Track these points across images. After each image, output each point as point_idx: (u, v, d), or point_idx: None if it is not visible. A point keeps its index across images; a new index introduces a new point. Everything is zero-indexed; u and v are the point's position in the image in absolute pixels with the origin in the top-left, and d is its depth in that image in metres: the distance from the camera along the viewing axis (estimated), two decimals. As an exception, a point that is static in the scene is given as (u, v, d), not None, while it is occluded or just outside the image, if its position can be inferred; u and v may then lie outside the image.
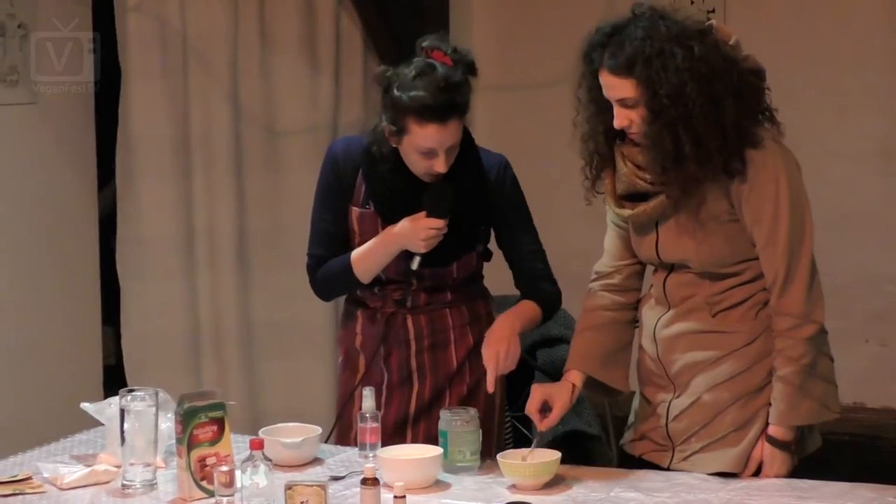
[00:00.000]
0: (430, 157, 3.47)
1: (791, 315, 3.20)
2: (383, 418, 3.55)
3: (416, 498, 3.13)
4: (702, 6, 5.78)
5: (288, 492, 3.00)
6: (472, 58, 3.53)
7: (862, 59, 5.61)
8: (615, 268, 3.46)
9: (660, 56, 3.09)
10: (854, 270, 5.64)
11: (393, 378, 3.70)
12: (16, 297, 5.25)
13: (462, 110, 3.45)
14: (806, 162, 5.65)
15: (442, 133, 3.42)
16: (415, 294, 3.68)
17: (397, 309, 3.69)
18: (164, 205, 5.47)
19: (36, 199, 5.33)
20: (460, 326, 3.71)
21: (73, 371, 5.47)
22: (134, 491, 3.22)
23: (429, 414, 3.65)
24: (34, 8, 5.20)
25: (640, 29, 3.13)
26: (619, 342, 3.45)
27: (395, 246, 3.56)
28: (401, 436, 3.63)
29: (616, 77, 3.14)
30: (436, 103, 3.40)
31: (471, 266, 3.69)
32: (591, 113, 3.27)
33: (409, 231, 3.52)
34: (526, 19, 6.10)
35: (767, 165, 3.17)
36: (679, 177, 3.16)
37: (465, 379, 3.70)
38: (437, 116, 3.41)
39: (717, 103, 3.10)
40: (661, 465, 3.35)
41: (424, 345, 3.69)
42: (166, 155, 5.48)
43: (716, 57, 3.13)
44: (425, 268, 3.60)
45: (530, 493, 3.18)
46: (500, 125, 6.12)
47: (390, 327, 3.70)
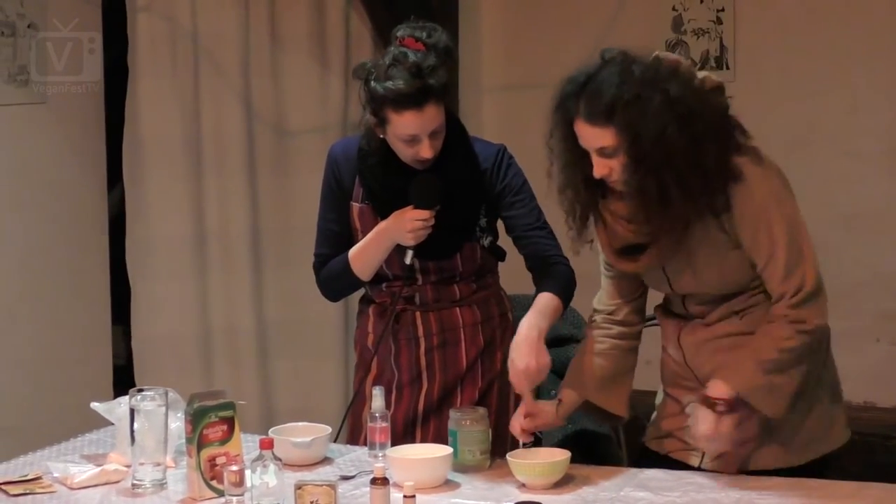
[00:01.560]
0: (415, 144, 3.49)
1: (794, 316, 3.17)
2: (392, 417, 3.55)
3: (425, 497, 3.12)
4: (711, 5, 5.78)
5: (298, 491, 3.00)
6: (447, 42, 3.53)
7: (872, 57, 5.60)
8: (615, 305, 3.44)
9: (638, 102, 3.04)
10: (864, 269, 5.63)
11: (403, 377, 3.70)
12: (26, 297, 5.26)
13: (438, 93, 3.45)
14: (816, 161, 5.71)
15: (420, 118, 3.44)
16: (422, 290, 3.68)
17: (406, 306, 3.69)
18: (174, 205, 5.47)
19: (45, 199, 5.34)
20: (471, 325, 3.71)
21: (84, 371, 5.48)
22: (144, 490, 3.22)
23: (439, 414, 3.64)
24: (44, 8, 5.20)
25: (614, 75, 3.07)
26: (619, 367, 3.43)
27: (387, 241, 3.57)
28: (410, 435, 3.63)
29: (594, 127, 3.09)
30: (410, 90, 3.41)
31: (476, 259, 3.67)
32: (567, 162, 3.20)
33: (397, 224, 3.54)
34: (535, 18, 6.10)
35: (754, 198, 3.14)
36: (665, 223, 3.12)
37: (476, 382, 3.69)
38: (413, 102, 3.42)
39: (698, 144, 3.07)
40: (690, 464, 3.34)
41: (434, 343, 3.69)
42: (176, 155, 5.48)
43: (690, 95, 3.09)
44: (428, 261, 3.60)
45: (540, 493, 3.18)
46: (509, 124, 6.11)
47: (400, 325, 3.70)
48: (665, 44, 5.84)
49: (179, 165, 5.48)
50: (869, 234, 5.65)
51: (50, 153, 5.35)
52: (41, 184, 5.31)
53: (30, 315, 5.27)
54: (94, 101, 5.48)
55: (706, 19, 5.80)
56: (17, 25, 5.12)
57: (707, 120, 3.09)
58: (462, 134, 3.65)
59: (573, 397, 3.42)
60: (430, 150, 3.48)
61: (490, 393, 3.69)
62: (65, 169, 5.42)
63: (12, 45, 5.11)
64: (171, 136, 5.48)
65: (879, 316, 5.62)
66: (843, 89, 5.65)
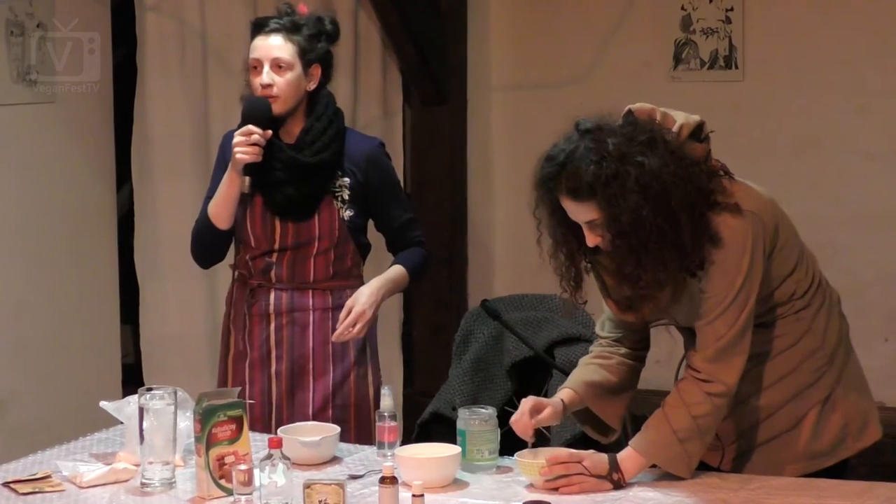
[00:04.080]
0: (258, 73, 3.79)
1: (705, 372, 3.17)
2: (249, 396, 3.76)
3: (434, 497, 3.12)
4: (720, 4, 5.77)
5: (306, 490, 3.00)
6: (332, 21, 3.90)
7: (881, 56, 5.59)
8: (622, 333, 3.44)
9: (616, 178, 3.05)
10: (874, 269, 5.63)
11: (254, 354, 3.89)
12: (35, 295, 5.26)
13: (290, 31, 3.79)
14: (825, 160, 5.70)
15: (265, 44, 3.80)
16: (279, 264, 3.85)
17: (262, 281, 3.88)
18: (183, 204, 5.47)
19: (54, 198, 5.34)
20: (321, 310, 3.88)
21: (92, 370, 5.49)
22: (153, 489, 3.22)
23: (291, 401, 3.85)
24: (53, 7, 5.21)
25: (591, 151, 3.08)
26: (621, 382, 3.43)
27: (229, 171, 3.80)
28: (264, 422, 3.82)
29: (579, 203, 3.11)
30: (264, 20, 3.85)
31: (334, 229, 3.83)
32: (554, 228, 3.22)
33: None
34: (543, 19, 6.09)
35: (727, 260, 3.12)
36: (644, 291, 3.15)
37: (328, 371, 3.87)
38: (262, 29, 3.83)
39: (674, 221, 3.07)
40: (710, 464, 3.34)
41: (283, 321, 3.86)
42: (185, 154, 5.49)
43: (665, 165, 3.07)
44: (287, 221, 3.81)
45: (549, 493, 3.17)
46: (517, 124, 6.12)
47: (255, 299, 3.89)
48: (674, 43, 5.84)
49: (188, 164, 5.49)
50: (879, 233, 5.64)
51: (59, 152, 5.35)
52: (50, 183, 5.32)
53: (39, 314, 5.28)
54: (102, 100, 5.49)
55: (715, 19, 5.80)
56: (26, 25, 5.12)
57: (683, 190, 3.08)
58: (330, 105, 3.88)
59: (574, 399, 3.41)
60: (268, 77, 3.76)
61: (345, 385, 3.87)
62: (74, 168, 5.42)
63: (21, 45, 5.11)
64: (180, 136, 5.48)
65: (888, 315, 5.62)
66: (852, 89, 5.64)
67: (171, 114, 5.45)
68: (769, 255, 3.19)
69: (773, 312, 3.25)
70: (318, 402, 3.87)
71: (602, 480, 3.18)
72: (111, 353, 5.63)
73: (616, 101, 3.24)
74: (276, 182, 3.82)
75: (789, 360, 3.27)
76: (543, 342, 4.38)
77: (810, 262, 3.31)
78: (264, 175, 3.81)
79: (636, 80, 5.84)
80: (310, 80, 3.84)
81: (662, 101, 3.27)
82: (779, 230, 3.21)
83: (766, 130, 5.76)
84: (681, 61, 5.87)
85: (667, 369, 3.54)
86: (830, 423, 3.28)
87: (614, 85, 5.84)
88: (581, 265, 3.26)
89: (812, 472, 3.27)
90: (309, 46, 3.81)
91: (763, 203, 3.21)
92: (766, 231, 3.17)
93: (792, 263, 3.25)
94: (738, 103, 5.76)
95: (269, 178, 3.82)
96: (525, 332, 4.40)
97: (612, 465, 3.20)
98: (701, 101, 5.14)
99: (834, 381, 3.29)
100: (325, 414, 3.85)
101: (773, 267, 3.21)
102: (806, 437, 3.28)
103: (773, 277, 3.22)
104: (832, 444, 3.30)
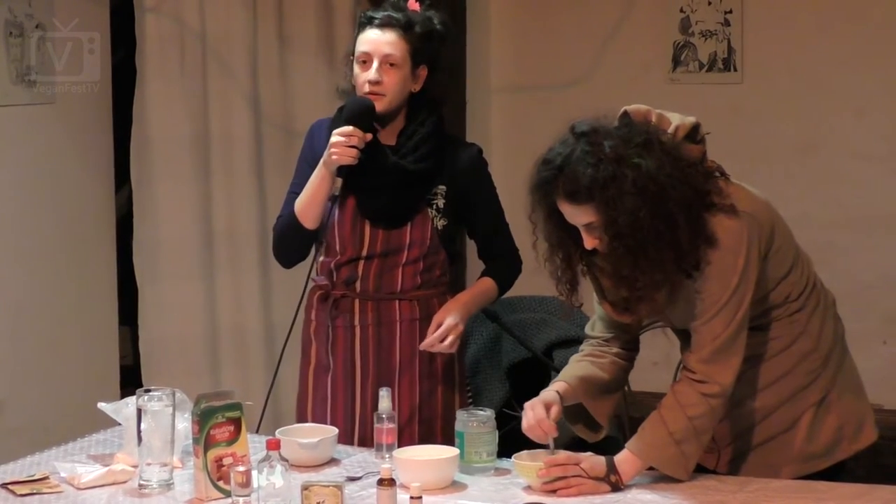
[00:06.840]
0: (366, 68, 3.61)
1: (701, 372, 3.18)
2: (332, 410, 3.63)
3: (432, 499, 3.12)
4: (719, 6, 5.78)
5: (304, 492, 3.00)
6: (442, 21, 3.69)
7: (880, 59, 5.60)
8: (613, 334, 3.45)
9: (613, 181, 3.05)
10: (872, 271, 5.63)
11: (337, 369, 3.75)
12: (33, 297, 5.26)
13: (405, 27, 3.61)
14: (824, 163, 5.71)
15: (377, 38, 3.60)
16: (366, 275, 3.69)
17: (346, 292, 3.73)
18: (182, 205, 5.47)
19: (53, 199, 5.34)
20: (408, 321, 3.73)
21: (91, 371, 5.48)
22: (151, 491, 3.22)
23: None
24: (52, 8, 5.21)
25: (587, 154, 3.08)
26: (612, 380, 3.43)
27: (320, 168, 3.66)
28: (348, 436, 3.68)
29: (577, 206, 3.11)
30: (376, 13, 3.64)
31: (425, 239, 3.68)
32: (550, 231, 3.22)
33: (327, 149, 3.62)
34: (543, 20, 6.10)
35: (723, 260, 3.13)
36: (641, 293, 3.16)
37: (415, 385, 3.73)
38: (373, 21, 3.63)
39: (671, 222, 3.07)
40: (707, 466, 3.34)
41: (369, 333, 3.72)
42: (184, 156, 5.48)
43: (662, 166, 3.08)
44: (379, 227, 3.65)
45: (546, 495, 3.17)
46: (516, 125, 6.12)
47: (339, 311, 3.74)
48: (673, 45, 5.85)
49: (187, 166, 5.48)
50: (876, 236, 5.65)
51: (57, 153, 5.35)
52: (49, 184, 5.31)
53: (37, 315, 5.28)
54: (101, 101, 5.48)
55: (714, 21, 5.80)
56: (24, 26, 5.12)
57: (680, 192, 3.08)
58: (439, 120, 3.72)
59: (568, 392, 3.40)
60: (375, 74, 3.59)
61: (433, 399, 3.73)
62: (72, 169, 5.42)
63: (20, 46, 5.11)
64: (179, 137, 5.48)
65: (887, 318, 5.62)
66: (851, 91, 5.65)
67: (170, 115, 5.44)
68: (765, 257, 3.19)
69: (769, 315, 3.26)
70: (404, 415, 3.68)
71: (600, 482, 3.18)
72: (110, 355, 5.63)
73: (615, 103, 3.25)
74: (373, 186, 3.66)
75: (784, 363, 3.27)
76: (542, 344, 4.39)
77: (805, 264, 3.32)
78: (361, 177, 3.64)
79: (635, 82, 5.85)
80: (416, 82, 3.67)
81: (661, 103, 3.27)
82: (775, 232, 3.22)
83: (764, 133, 5.77)
84: (680, 63, 5.88)
85: (665, 371, 3.55)
86: (825, 425, 3.29)
87: (613, 87, 5.84)
88: (577, 268, 3.27)
89: (808, 474, 3.27)
90: (420, 46, 3.63)
91: (759, 204, 3.21)
92: (762, 232, 3.18)
93: (787, 266, 3.25)
94: (737, 106, 5.76)
95: (366, 182, 3.65)
96: (523, 334, 4.41)
97: (609, 467, 3.20)
98: (700, 103, 5.16)
99: (829, 384, 3.30)
100: (410, 428, 3.70)
101: (768, 269, 3.21)
102: (801, 439, 3.28)
103: (768, 279, 3.22)
104: (827, 445, 3.30)
